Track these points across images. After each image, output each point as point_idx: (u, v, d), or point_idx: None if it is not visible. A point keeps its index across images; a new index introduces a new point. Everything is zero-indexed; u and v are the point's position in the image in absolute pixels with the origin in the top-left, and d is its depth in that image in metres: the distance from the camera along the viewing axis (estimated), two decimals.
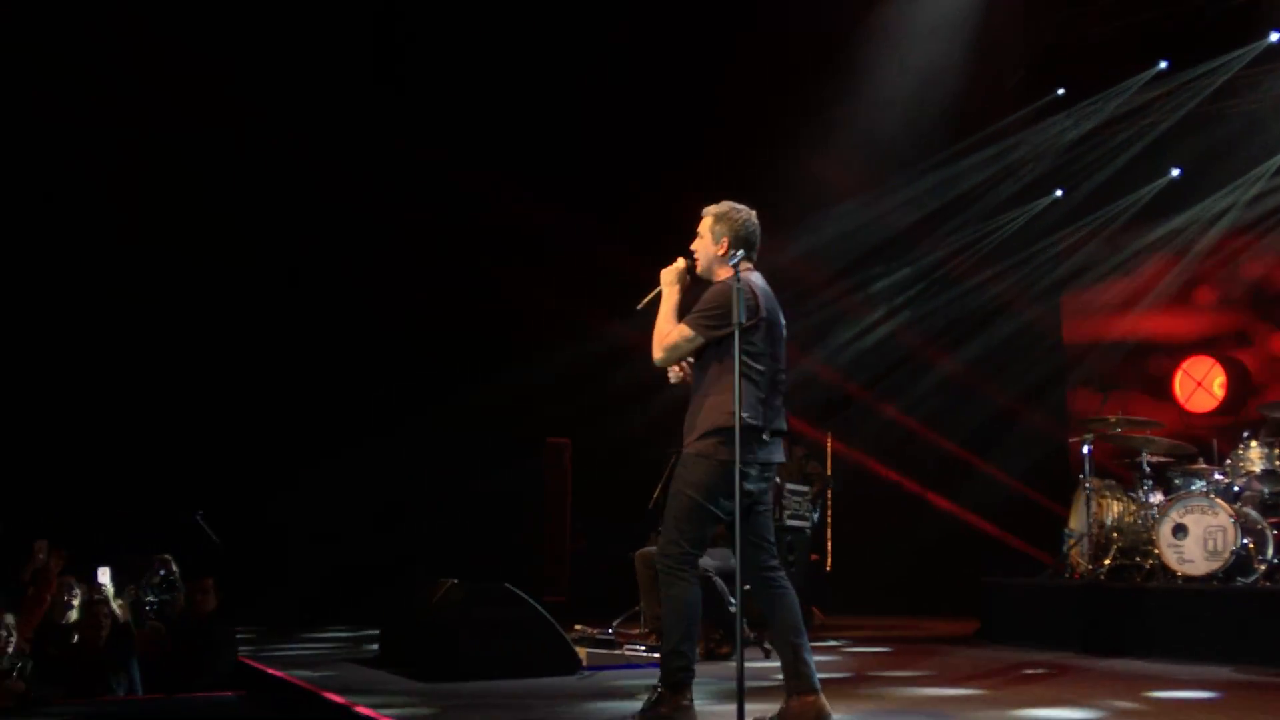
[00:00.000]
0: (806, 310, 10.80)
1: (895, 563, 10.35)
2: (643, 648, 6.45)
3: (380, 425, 9.80)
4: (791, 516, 7.57)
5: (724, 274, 4.23)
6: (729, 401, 4.01)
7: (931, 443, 10.56)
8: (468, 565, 7.11)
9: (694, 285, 4.32)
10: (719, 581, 6.38)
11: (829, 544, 10.00)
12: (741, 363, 4.05)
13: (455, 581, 6.09)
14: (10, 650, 5.75)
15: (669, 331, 4.21)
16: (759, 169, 9.77)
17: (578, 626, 6.93)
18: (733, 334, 4.01)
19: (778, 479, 7.38)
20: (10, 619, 5.85)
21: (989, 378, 10.44)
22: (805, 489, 7.90)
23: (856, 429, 10.59)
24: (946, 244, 10.67)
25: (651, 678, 5.57)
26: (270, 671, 5.97)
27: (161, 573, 7.70)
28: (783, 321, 4.33)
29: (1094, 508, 7.55)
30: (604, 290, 10.45)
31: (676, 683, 4.09)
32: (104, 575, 7.22)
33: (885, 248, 10.67)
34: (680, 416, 4.38)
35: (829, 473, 9.05)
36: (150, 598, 7.19)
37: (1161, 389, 10.06)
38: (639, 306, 4.32)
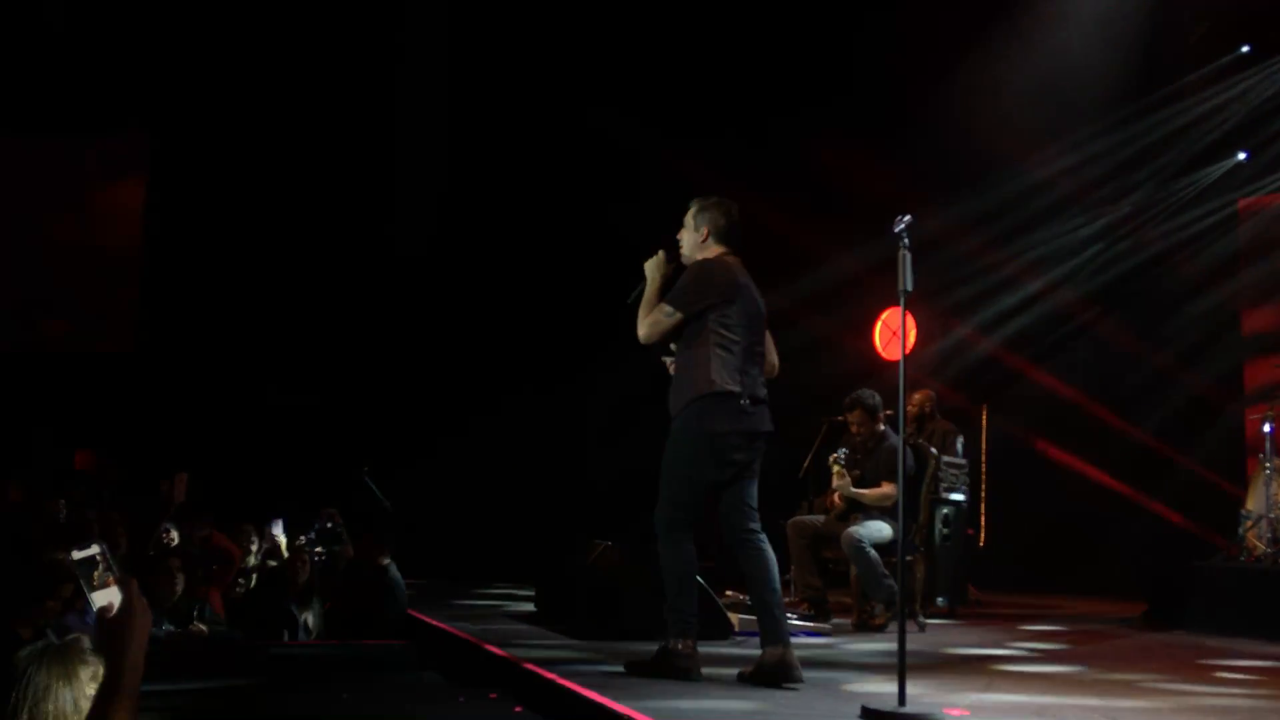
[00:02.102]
0: (964, 275, 10.49)
1: (1051, 539, 10.03)
2: (794, 615, 6.43)
3: (538, 388, 10.02)
4: (948, 489, 7.40)
5: (701, 258, 4.66)
6: (707, 372, 4.42)
7: (1094, 415, 10.15)
8: (618, 528, 7.22)
9: (677, 272, 4.73)
10: (871, 552, 6.31)
11: (983, 519, 9.77)
12: (719, 335, 4.45)
13: (609, 543, 6.20)
14: (180, 592, 6.10)
15: (650, 310, 4.60)
16: (919, 127, 9.53)
17: (729, 592, 6.96)
18: (708, 309, 4.47)
19: (934, 450, 7.24)
20: (178, 564, 6.21)
21: (1158, 348, 9.96)
22: (963, 461, 7.71)
23: (1014, 401, 10.28)
24: (1116, 208, 10.19)
25: (804, 649, 5.60)
26: (434, 623, 6.21)
27: (329, 525, 8.07)
28: (760, 301, 4.66)
29: (1275, 488, 7.15)
30: (760, 257, 10.41)
31: (678, 631, 4.44)
32: (278, 527, 7.63)
33: (1050, 211, 10.27)
34: (837, 388, 4.47)
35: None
36: (317, 549, 7.53)
37: None
38: (629, 300, 4.69)
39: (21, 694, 1.79)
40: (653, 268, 4.68)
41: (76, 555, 1.89)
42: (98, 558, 1.88)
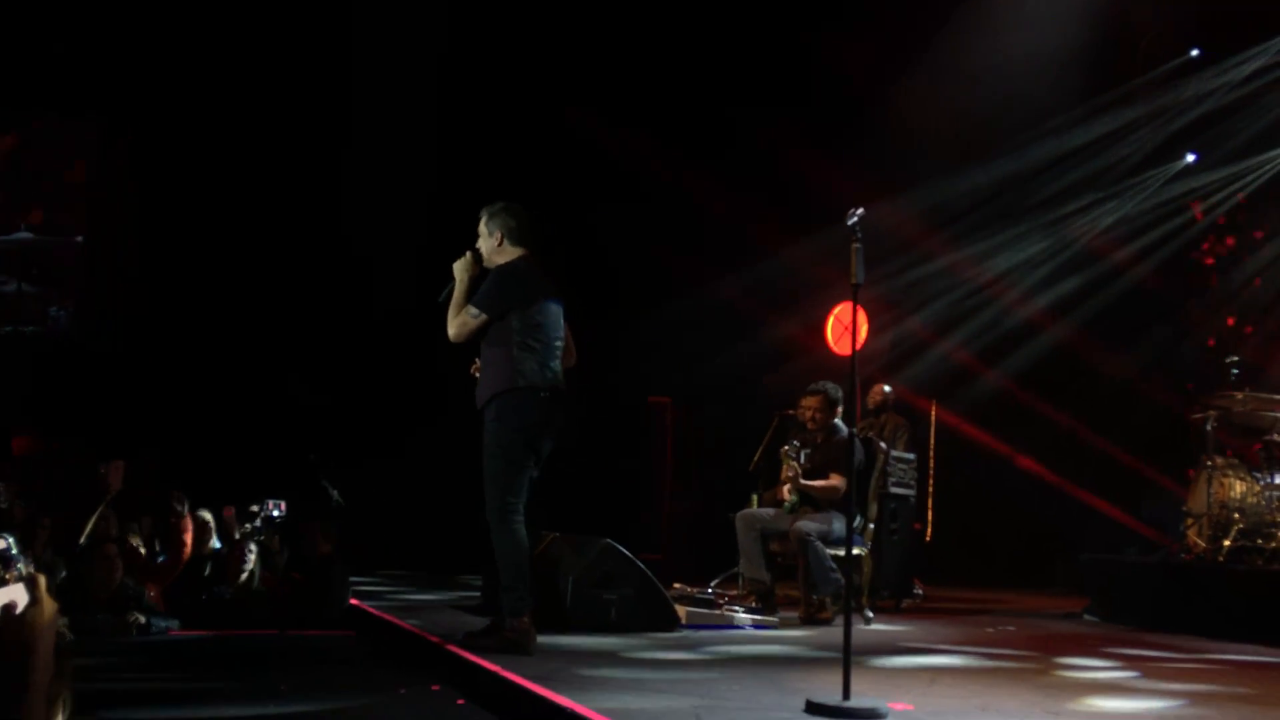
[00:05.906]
0: (913, 271, 10.56)
1: (998, 535, 10.13)
2: (741, 609, 6.44)
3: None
4: (896, 484, 7.45)
5: (501, 261, 4.96)
6: (510, 369, 4.79)
7: (1041, 413, 10.27)
8: (567, 520, 7.18)
9: (482, 274, 4.98)
10: (819, 546, 6.32)
11: (929, 514, 9.84)
12: (520, 335, 4.81)
13: (557, 535, 6.15)
14: (119, 579, 5.99)
15: (459, 312, 4.88)
16: (869, 123, 9.57)
17: (676, 585, 6.94)
18: (510, 311, 4.82)
19: (883, 445, 7.27)
20: (114, 549, 6.10)
21: (1103, 346, 10.09)
22: (911, 456, 7.76)
23: (963, 397, 10.35)
24: (1066, 207, 10.30)
25: (751, 642, 5.60)
26: (377, 614, 6.13)
27: (274, 514, 7.94)
28: (560, 298, 5.02)
29: (1215, 487, 7.27)
30: (712, 247, 10.40)
31: (515, 610, 4.73)
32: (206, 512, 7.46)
33: (1001, 210, 10.35)
34: (787, 382, 4.47)
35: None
36: (260, 538, 7.41)
37: None
38: (440, 299, 4.94)
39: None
40: (461, 269, 4.93)
41: None
42: (2, 552, 1.79)
